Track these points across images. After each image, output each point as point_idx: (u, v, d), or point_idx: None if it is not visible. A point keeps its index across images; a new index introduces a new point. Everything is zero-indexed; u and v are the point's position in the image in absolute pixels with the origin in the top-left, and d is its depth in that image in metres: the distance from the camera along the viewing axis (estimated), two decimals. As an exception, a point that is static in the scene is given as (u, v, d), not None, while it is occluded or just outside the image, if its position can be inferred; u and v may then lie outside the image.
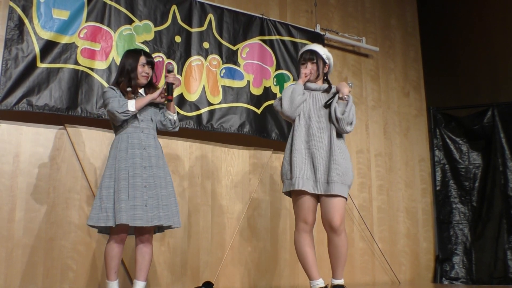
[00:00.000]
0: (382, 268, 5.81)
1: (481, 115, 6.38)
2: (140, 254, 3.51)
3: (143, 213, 3.34)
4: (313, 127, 3.57)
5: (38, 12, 4.12)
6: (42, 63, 4.10)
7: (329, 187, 3.44)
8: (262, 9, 5.47)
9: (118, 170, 3.39)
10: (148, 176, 3.43)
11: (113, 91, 3.49)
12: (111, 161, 3.45)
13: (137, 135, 3.49)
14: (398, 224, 6.07)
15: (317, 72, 3.69)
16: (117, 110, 3.39)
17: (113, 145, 3.52)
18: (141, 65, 3.54)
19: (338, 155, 3.52)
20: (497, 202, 6.04)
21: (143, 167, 3.43)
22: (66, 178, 4.22)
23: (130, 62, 3.54)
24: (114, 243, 3.41)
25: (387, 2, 6.65)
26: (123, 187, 3.34)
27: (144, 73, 3.55)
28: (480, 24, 7.36)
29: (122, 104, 3.40)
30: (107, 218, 3.31)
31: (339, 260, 3.53)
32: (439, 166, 6.43)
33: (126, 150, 3.43)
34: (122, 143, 3.46)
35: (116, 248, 3.42)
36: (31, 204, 4.04)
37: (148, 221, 3.35)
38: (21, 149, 4.08)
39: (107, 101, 3.45)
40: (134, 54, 3.59)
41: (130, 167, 3.40)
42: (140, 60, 3.55)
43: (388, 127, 6.26)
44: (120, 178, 3.37)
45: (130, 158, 3.41)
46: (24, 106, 3.98)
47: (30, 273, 3.96)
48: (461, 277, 6.07)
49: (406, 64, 6.63)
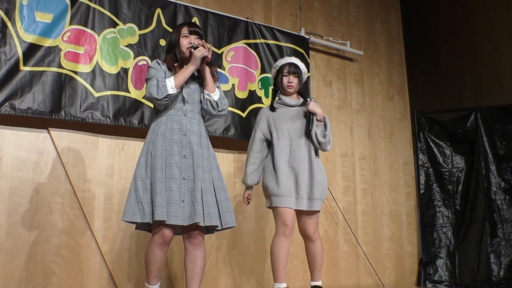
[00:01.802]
0: (367, 271, 5.83)
1: (464, 119, 6.43)
2: (190, 260, 3.11)
3: (178, 210, 2.94)
4: (294, 145, 3.74)
5: (21, 15, 4.09)
6: (25, 66, 4.06)
7: (311, 204, 3.69)
8: (247, 12, 5.47)
9: (154, 158, 3.01)
10: (188, 167, 3.04)
11: (156, 67, 3.16)
12: (146, 147, 3.09)
13: (178, 119, 3.12)
14: (382, 227, 6.10)
15: (298, 86, 3.90)
16: (156, 97, 3.03)
17: (150, 129, 3.17)
18: (184, 37, 3.22)
19: (318, 173, 3.73)
20: (480, 205, 6.09)
21: (182, 156, 3.05)
22: (50, 182, 4.19)
23: (173, 37, 3.26)
24: (154, 245, 3.02)
25: (371, 6, 6.69)
26: (159, 178, 2.96)
27: (189, 44, 3.20)
28: (464, 29, 7.43)
29: (161, 87, 3.03)
30: (144, 213, 2.95)
31: (316, 263, 3.83)
32: (423, 170, 6.47)
33: (164, 135, 3.06)
34: (161, 127, 3.09)
35: (157, 251, 3.02)
36: (13, 208, 4.00)
37: (184, 219, 2.96)
38: (4, 152, 4.04)
39: (147, 84, 3.11)
40: (177, 27, 3.30)
41: (168, 155, 3.02)
42: (183, 31, 3.24)
43: (373, 130, 6.29)
44: (155, 167, 2.98)
45: (168, 145, 3.04)
46: (6, 109, 3.95)
47: (13, 277, 3.92)
48: (445, 280, 6.11)
49: (390, 68, 6.67)
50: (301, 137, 3.74)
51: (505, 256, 5.89)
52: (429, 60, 7.86)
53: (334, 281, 5.52)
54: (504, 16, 6.84)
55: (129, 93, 4.45)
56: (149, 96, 3.07)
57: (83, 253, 4.20)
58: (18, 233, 3.99)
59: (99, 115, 4.28)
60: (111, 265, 4.27)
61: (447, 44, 7.66)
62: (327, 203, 5.64)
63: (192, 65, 3.15)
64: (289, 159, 3.72)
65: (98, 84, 4.33)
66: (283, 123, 3.79)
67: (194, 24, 3.37)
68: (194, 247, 3.12)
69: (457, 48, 7.50)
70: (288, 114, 3.82)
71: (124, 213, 3.01)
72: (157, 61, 3.24)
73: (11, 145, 4.08)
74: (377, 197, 6.13)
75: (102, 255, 4.26)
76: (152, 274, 3.07)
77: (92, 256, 4.24)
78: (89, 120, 4.23)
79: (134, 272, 4.37)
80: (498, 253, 5.91)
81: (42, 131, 4.21)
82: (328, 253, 5.54)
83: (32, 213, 4.07)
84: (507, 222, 5.98)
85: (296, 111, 3.83)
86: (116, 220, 4.35)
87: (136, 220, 2.96)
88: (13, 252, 3.94)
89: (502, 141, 6.20)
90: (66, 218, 4.18)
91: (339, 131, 5.97)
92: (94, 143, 4.41)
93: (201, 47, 3.17)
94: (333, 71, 6.11)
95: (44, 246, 4.07)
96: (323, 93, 5.92)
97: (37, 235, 4.06)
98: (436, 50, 7.80)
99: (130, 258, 4.38)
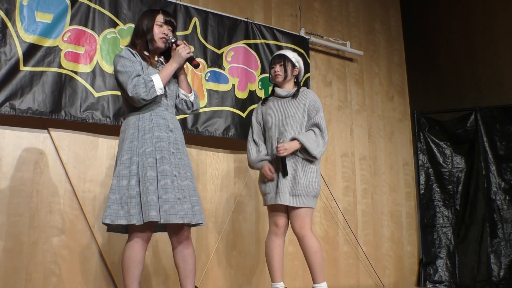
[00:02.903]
0: (367, 271, 5.83)
1: (464, 119, 6.43)
2: (181, 259, 2.99)
3: (176, 208, 2.80)
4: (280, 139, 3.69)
5: (21, 15, 4.09)
6: (25, 66, 4.06)
7: (294, 200, 3.62)
8: (247, 13, 5.47)
9: (143, 155, 2.83)
10: (178, 164, 2.93)
11: (130, 57, 2.93)
12: (129, 144, 2.88)
13: (162, 114, 2.97)
14: (383, 227, 6.10)
15: (285, 73, 3.83)
16: (145, 98, 2.85)
17: (129, 124, 2.94)
18: (158, 25, 3.03)
19: (303, 169, 3.67)
20: (480, 205, 6.09)
21: (171, 153, 2.92)
22: (50, 182, 4.18)
23: (145, 23, 3.03)
24: (138, 245, 2.84)
25: (371, 6, 6.69)
26: (151, 176, 2.79)
27: (162, 34, 3.03)
28: (463, 29, 7.43)
29: (150, 87, 2.84)
30: (129, 214, 2.75)
31: (309, 263, 3.68)
32: (423, 170, 6.47)
33: (151, 130, 2.89)
34: (145, 122, 2.91)
35: (142, 251, 2.85)
36: (13, 208, 4.00)
37: (184, 216, 2.82)
38: (4, 153, 4.04)
39: (123, 77, 2.88)
40: (150, 13, 3.07)
41: (158, 151, 2.86)
42: (157, 19, 3.03)
43: (373, 131, 6.29)
44: (145, 165, 2.81)
45: (156, 141, 2.87)
46: (6, 109, 3.94)
47: (13, 278, 3.91)
48: (445, 280, 6.11)
49: (390, 68, 6.67)
50: (287, 132, 3.71)
51: (505, 256, 5.89)
52: (429, 60, 7.86)
53: (334, 281, 5.52)
54: (504, 16, 6.84)
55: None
56: (134, 95, 2.84)
57: (83, 253, 4.19)
58: (18, 234, 3.98)
59: (99, 115, 4.28)
60: (111, 266, 4.27)
61: (447, 44, 7.66)
62: (327, 203, 5.64)
63: (175, 63, 3.01)
64: (275, 154, 3.69)
65: (98, 84, 4.32)
66: (271, 117, 3.80)
67: (169, 13, 3.15)
68: (184, 245, 3.00)
69: (457, 48, 7.50)
70: (277, 107, 3.82)
71: (106, 214, 2.79)
72: (129, 49, 3.00)
73: (11, 145, 4.08)
74: (377, 198, 6.13)
75: (102, 256, 4.26)
76: (136, 280, 2.85)
77: (92, 257, 4.24)
78: (89, 120, 4.23)
79: (134, 272, 4.37)
80: (498, 253, 5.91)
81: (42, 131, 4.21)
82: (328, 253, 5.54)
83: (32, 213, 4.06)
84: (507, 222, 5.98)
85: (286, 102, 3.81)
86: (116, 221, 4.35)
87: (120, 222, 2.77)
88: (13, 253, 3.94)
89: (502, 141, 6.20)
90: (66, 218, 4.18)
91: (339, 131, 5.97)
92: (94, 143, 4.40)
93: (184, 45, 3.04)
94: (333, 71, 6.11)
95: (44, 246, 4.07)
96: (323, 93, 5.92)
97: (37, 235, 4.05)
98: (436, 50, 7.80)
99: (130, 258, 4.37)
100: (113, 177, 2.88)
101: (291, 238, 5.29)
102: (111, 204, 2.80)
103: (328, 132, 5.83)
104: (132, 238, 2.85)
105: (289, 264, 5.23)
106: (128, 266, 2.84)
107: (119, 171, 2.85)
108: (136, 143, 2.87)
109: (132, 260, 2.83)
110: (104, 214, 2.80)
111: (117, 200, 2.79)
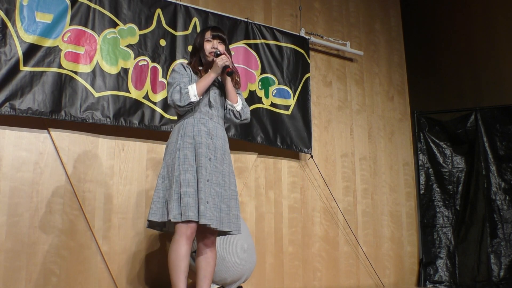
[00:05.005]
0: (367, 271, 5.82)
1: (464, 119, 6.43)
2: (205, 259, 3.15)
3: (205, 210, 2.98)
4: None
5: (21, 15, 4.09)
6: (25, 66, 4.06)
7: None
8: (247, 13, 5.47)
9: (185, 159, 3.05)
10: (212, 171, 3.10)
11: (180, 71, 3.21)
12: (173, 147, 3.12)
13: (205, 122, 3.17)
14: (383, 227, 6.10)
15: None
16: (179, 104, 3.09)
17: (174, 130, 3.20)
18: (207, 41, 3.28)
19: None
20: (480, 205, 6.09)
21: (208, 159, 3.09)
22: (50, 182, 4.18)
23: (198, 41, 3.33)
24: (182, 240, 2.99)
25: (371, 6, 6.69)
26: (192, 179, 3.01)
27: (212, 49, 3.26)
28: (463, 29, 7.43)
29: (184, 94, 3.08)
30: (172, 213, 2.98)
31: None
32: (423, 170, 6.47)
33: (192, 136, 3.11)
34: (187, 128, 3.13)
35: (185, 245, 3.00)
36: (13, 208, 4.00)
37: (212, 220, 3.01)
38: (4, 153, 4.04)
39: (169, 88, 3.15)
40: (202, 31, 3.36)
41: (197, 156, 3.06)
42: (206, 36, 3.29)
43: (373, 131, 6.29)
44: (187, 169, 3.03)
45: (197, 146, 3.08)
46: (6, 109, 3.94)
47: (13, 278, 3.91)
48: (445, 280, 6.11)
49: (390, 68, 6.67)
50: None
51: (505, 256, 5.89)
52: (429, 60, 7.86)
53: (334, 282, 5.51)
54: (504, 17, 6.84)
55: (130, 93, 4.45)
56: (171, 103, 3.13)
57: (83, 253, 4.20)
58: (18, 234, 3.98)
59: (99, 115, 4.28)
60: (111, 266, 4.27)
61: (447, 44, 7.66)
62: (327, 203, 5.64)
63: (213, 72, 3.19)
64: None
65: (98, 84, 4.33)
66: None
67: (217, 29, 3.38)
68: (209, 248, 3.16)
69: (457, 48, 7.50)
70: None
71: (151, 212, 3.05)
72: (182, 64, 3.28)
73: (11, 146, 4.08)
74: (377, 198, 6.13)
75: (102, 256, 4.26)
76: (182, 274, 2.99)
77: (92, 257, 4.24)
78: (89, 120, 4.23)
79: (135, 272, 4.37)
80: (498, 253, 5.90)
81: (42, 131, 4.21)
82: (328, 253, 5.54)
83: (32, 214, 4.06)
84: (507, 222, 5.98)
85: None
86: (116, 220, 4.35)
87: (164, 220, 3.02)
88: (13, 253, 3.94)
89: (502, 141, 6.20)
90: (66, 219, 4.18)
91: (339, 131, 5.97)
92: (94, 143, 4.40)
93: (223, 55, 3.20)
94: (333, 71, 6.11)
95: (44, 246, 4.07)
96: (323, 93, 5.92)
97: (37, 235, 4.06)
98: (436, 50, 7.80)
99: (130, 258, 4.38)
100: (158, 178, 3.13)
101: (291, 238, 5.29)
102: (157, 203, 3.06)
103: (328, 132, 5.85)
104: (176, 234, 3.02)
105: (289, 264, 5.23)
106: (174, 260, 3.00)
107: (163, 173, 3.12)
108: (179, 147, 3.10)
109: (177, 254, 2.99)
110: (150, 212, 3.05)
111: (162, 199, 3.05)
